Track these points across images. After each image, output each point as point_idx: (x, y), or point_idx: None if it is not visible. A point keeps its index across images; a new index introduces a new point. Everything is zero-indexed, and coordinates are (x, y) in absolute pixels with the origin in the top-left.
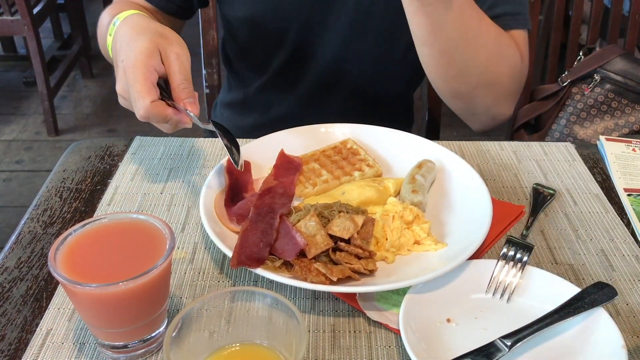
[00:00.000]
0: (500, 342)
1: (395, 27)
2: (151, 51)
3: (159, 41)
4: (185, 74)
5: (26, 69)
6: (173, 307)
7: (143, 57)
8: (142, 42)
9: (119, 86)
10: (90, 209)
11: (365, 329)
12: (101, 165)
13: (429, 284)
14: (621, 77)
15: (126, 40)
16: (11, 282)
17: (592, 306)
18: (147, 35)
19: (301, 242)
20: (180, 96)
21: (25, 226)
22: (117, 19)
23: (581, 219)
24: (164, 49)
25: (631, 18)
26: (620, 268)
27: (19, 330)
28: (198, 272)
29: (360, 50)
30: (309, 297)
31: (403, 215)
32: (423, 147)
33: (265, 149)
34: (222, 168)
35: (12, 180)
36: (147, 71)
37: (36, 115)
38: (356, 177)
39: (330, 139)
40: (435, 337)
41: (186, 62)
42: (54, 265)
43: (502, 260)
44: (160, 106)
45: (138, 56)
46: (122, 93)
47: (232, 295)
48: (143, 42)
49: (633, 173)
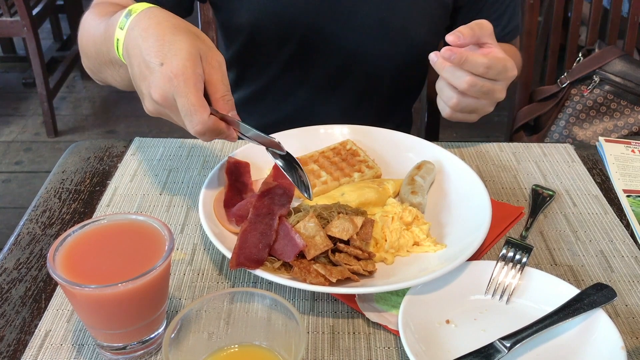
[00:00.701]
0: (500, 344)
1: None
2: (196, 57)
3: (200, 45)
4: (227, 85)
5: (25, 70)
6: (172, 308)
7: (191, 64)
8: (184, 44)
9: (159, 93)
10: (89, 210)
11: (365, 330)
12: (100, 166)
13: (428, 285)
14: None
15: (159, 39)
16: (10, 283)
17: (591, 307)
18: (185, 36)
19: (300, 243)
20: (225, 109)
21: (25, 227)
22: (131, 11)
23: (580, 220)
24: (205, 55)
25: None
26: (619, 269)
27: (17, 332)
28: (197, 273)
29: (365, 56)
30: (308, 298)
31: (402, 217)
32: (422, 148)
33: (265, 150)
34: (221, 169)
35: (11, 181)
36: (198, 82)
37: (35, 117)
38: (355, 178)
39: (330, 140)
40: (434, 338)
41: (226, 71)
42: (53, 266)
43: (501, 261)
44: (216, 121)
45: (186, 63)
46: (163, 102)
47: (231, 297)
48: (185, 44)
49: (632, 174)
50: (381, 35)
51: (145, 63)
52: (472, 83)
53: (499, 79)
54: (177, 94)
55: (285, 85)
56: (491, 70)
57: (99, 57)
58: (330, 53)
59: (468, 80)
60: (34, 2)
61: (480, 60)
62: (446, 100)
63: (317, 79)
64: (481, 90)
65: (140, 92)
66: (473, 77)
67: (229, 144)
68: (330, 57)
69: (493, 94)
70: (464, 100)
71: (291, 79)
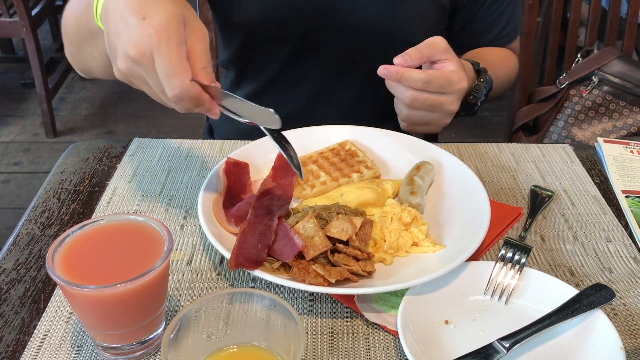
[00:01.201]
0: (499, 344)
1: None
2: (180, 19)
3: (185, 11)
4: (209, 58)
5: (24, 70)
6: (171, 309)
7: (175, 23)
8: (169, 4)
9: (136, 48)
10: (88, 210)
11: (364, 330)
12: (99, 167)
13: (427, 286)
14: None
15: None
16: (9, 283)
17: (590, 308)
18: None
19: (299, 243)
20: (207, 79)
21: (23, 228)
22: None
23: (579, 220)
24: (189, 23)
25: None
26: (618, 270)
27: (16, 332)
28: (196, 274)
29: (362, 56)
30: (307, 298)
31: (401, 217)
32: (421, 149)
33: (264, 151)
34: (220, 169)
35: (10, 181)
36: (181, 42)
37: (34, 117)
38: (354, 178)
39: (329, 141)
40: (433, 338)
41: (209, 45)
42: (52, 266)
43: (500, 261)
44: (197, 88)
45: (170, 20)
46: (139, 58)
47: (230, 297)
48: (170, 5)
49: (631, 175)
50: (378, 36)
51: (124, 19)
52: (413, 97)
53: (445, 91)
54: (157, 52)
55: (283, 87)
56: (431, 84)
57: (79, 34)
58: (328, 54)
59: (409, 95)
60: (33, 3)
61: (416, 76)
62: (398, 113)
63: (314, 80)
64: (425, 103)
65: (115, 50)
66: (414, 92)
67: (228, 145)
68: (328, 57)
69: (441, 107)
70: (414, 114)
71: (289, 80)
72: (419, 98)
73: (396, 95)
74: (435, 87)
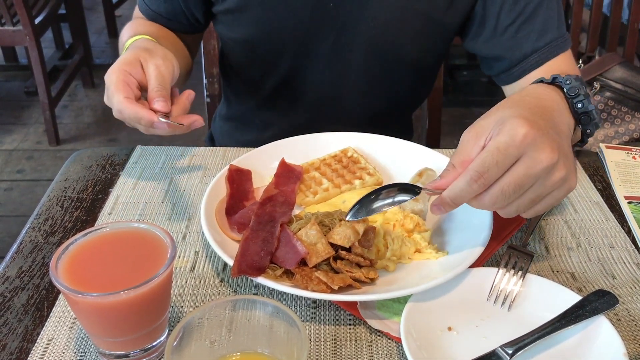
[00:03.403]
0: (502, 351)
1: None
2: (130, 61)
3: (141, 54)
4: (161, 81)
5: (28, 78)
6: (174, 316)
7: (120, 64)
8: (125, 56)
9: (105, 97)
10: (91, 218)
11: (367, 337)
12: (102, 175)
13: (430, 292)
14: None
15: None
16: (12, 291)
17: (593, 314)
18: (132, 51)
19: (302, 250)
20: (152, 96)
21: (27, 235)
22: (125, 45)
23: (582, 226)
24: (145, 60)
25: (630, 26)
26: (621, 276)
27: (20, 340)
28: (199, 281)
29: (357, 73)
30: (310, 305)
31: (404, 224)
32: (423, 156)
33: (266, 158)
34: (223, 177)
35: (13, 189)
36: (121, 74)
37: (37, 125)
38: (357, 185)
39: (331, 148)
40: (436, 345)
41: (165, 72)
42: (56, 274)
43: (503, 268)
44: (132, 102)
45: (116, 65)
46: (106, 102)
47: (233, 304)
48: (126, 55)
49: (633, 181)
50: (370, 53)
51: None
52: (490, 201)
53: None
54: (106, 88)
55: (282, 100)
56: (485, 174)
57: None
58: (323, 71)
59: (477, 202)
60: (36, 12)
61: (462, 181)
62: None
63: (311, 96)
64: (507, 191)
65: None
66: (476, 198)
67: (230, 152)
68: (323, 75)
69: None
70: (512, 206)
71: (286, 95)
72: (494, 194)
73: (485, 209)
74: (495, 168)
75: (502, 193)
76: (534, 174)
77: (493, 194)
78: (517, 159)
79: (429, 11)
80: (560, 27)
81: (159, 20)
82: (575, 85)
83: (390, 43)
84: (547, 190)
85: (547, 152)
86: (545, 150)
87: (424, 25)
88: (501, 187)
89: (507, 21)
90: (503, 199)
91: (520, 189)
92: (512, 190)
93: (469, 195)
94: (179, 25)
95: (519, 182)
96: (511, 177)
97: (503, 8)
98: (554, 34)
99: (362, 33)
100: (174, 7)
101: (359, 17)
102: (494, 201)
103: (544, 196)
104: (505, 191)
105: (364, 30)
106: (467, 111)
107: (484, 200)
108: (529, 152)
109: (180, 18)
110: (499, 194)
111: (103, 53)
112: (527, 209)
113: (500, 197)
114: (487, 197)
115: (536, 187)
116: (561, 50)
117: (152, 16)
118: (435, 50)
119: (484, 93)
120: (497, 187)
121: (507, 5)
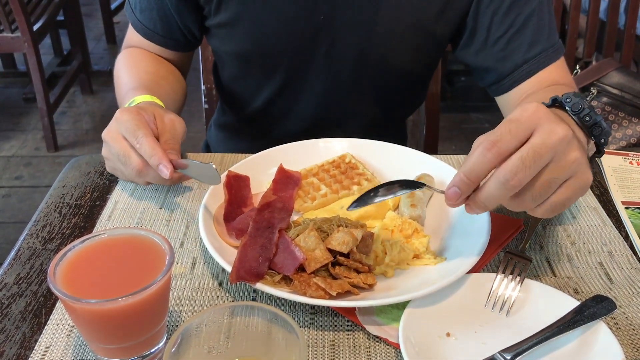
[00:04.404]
0: (500, 356)
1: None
2: (145, 109)
3: (156, 109)
4: (174, 134)
5: (26, 85)
6: (172, 323)
7: (135, 108)
8: (138, 105)
9: (104, 150)
10: (89, 224)
11: (365, 343)
12: (100, 181)
13: (429, 298)
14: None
15: None
16: (10, 298)
17: (591, 319)
18: (143, 104)
19: (300, 256)
20: (166, 147)
21: (25, 242)
22: (134, 101)
23: (579, 232)
24: (159, 114)
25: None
26: (619, 281)
27: (17, 347)
28: (197, 287)
29: (348, 84)
30: (308, 311)
31: (402, 229)
32: (421, 161)
33: (264, 164)
34: (221, 183)
35: (11, 196)
36: (140, 115)
37: (36, 131)
38: (355, 191)
39: (329, 154)
40: (435, 351)
41: (179, 128)
42: (54, 281)
43: (501, 274)
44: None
45: (129, 108)
46: (107, 155)
47: (232, 310)
48: (138, 105)
49: (630, 186)
50: (361, 64)
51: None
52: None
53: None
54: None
55: (275, 110)
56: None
57: None
58: (315, 82)
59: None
60: (34, 18)
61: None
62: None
63: (304, 106)
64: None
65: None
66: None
67: (228, 158)
68: (316, 85)
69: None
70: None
71: (279, 105)
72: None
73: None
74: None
75: (523, 162)
76: (551, 143)
77: (513, 164)
78: (532, 131)
79: (419, 22)
80: (551, 36)
81: (155, 39)
82: (577, 101)
83: (382, 54)
84: (564, 172)
85: (562, 125)
86: (559, 124)
87: (415, 36)
88: (521, 155)
89: (497, 33)
90: (524, 168)
91: (540, 158)
92: (532, 159)
93: (482, 166)
94: (175, 43)
95: (537, 150)
96: (529, 145)
97: (494, 20)
98: (545, 44)
99: (353, 44)
100: (169, 23)
101: (350, 29)
102: (515, 171)
103: (560, 182)
104: (525, 159)
105: (355, 42)
106: (465, 117)
107: (506, 167)
108: (543, 124)
109: (176, 35)
110: (519, 162)
111: (101, 59)
112: (543, 197)
113: (521, 167)
114: (509, 165)
115: (553, 165)
116: (552, 61)
117: (148, 34)
118: (426, 60)
119: (481, 99)
120: (517, 155)
121: (498, 18)
